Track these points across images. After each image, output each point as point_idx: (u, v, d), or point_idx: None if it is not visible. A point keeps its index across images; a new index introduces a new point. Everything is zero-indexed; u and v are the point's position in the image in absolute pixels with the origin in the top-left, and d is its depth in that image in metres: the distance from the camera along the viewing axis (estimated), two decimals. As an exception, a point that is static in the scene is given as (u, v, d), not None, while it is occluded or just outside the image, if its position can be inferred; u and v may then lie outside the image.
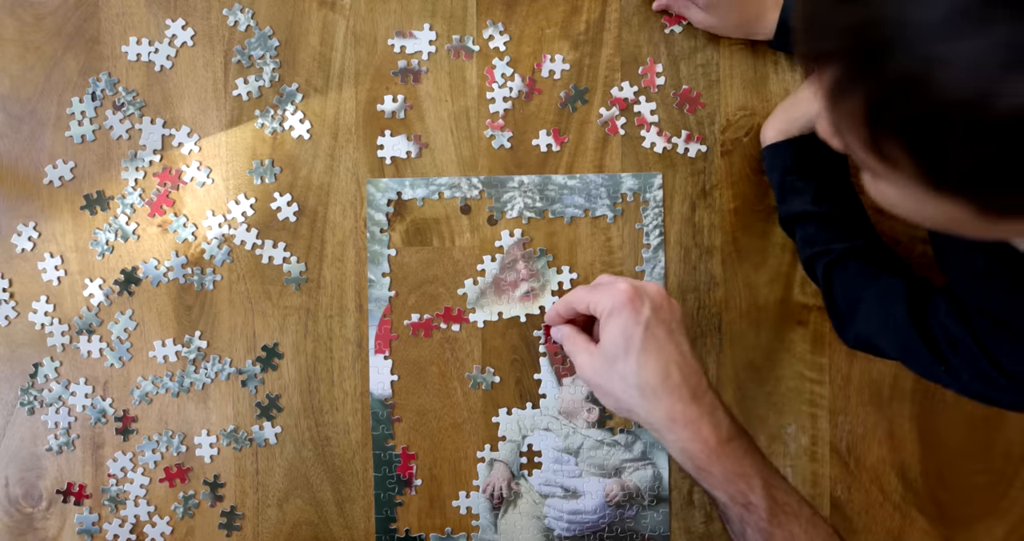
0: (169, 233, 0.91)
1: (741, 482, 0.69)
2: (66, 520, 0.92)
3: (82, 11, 0.91)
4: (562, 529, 0.90)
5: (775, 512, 0.69)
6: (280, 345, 0.91)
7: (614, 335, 0.71)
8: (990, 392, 0.70)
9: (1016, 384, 0.68)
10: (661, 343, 0.71)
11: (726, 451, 0.70)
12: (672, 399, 0.70)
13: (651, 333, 0.71)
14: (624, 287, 0.72)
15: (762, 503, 0.69)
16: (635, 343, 0.71)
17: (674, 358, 0.71)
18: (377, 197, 0.90)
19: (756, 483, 0.69)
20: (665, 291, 0.73)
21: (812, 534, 0.70)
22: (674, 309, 0.73)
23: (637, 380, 0.71)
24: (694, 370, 0.71)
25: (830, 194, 0.83)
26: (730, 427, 0.70)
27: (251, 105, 0.91)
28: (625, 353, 0.71)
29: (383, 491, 0.91)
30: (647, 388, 0.70)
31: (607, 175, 0.90)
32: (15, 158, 0.91)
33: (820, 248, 0.82)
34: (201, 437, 0.91)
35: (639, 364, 0.70)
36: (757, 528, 0.69)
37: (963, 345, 0.70)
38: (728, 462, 0.69)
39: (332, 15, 0.91)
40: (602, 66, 0.90)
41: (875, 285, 0.78)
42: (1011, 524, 0.91)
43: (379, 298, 0.90)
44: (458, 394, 0.91)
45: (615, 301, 0.72)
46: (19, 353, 0.91)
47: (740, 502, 0.70)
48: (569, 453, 0.90)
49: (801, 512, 0.70)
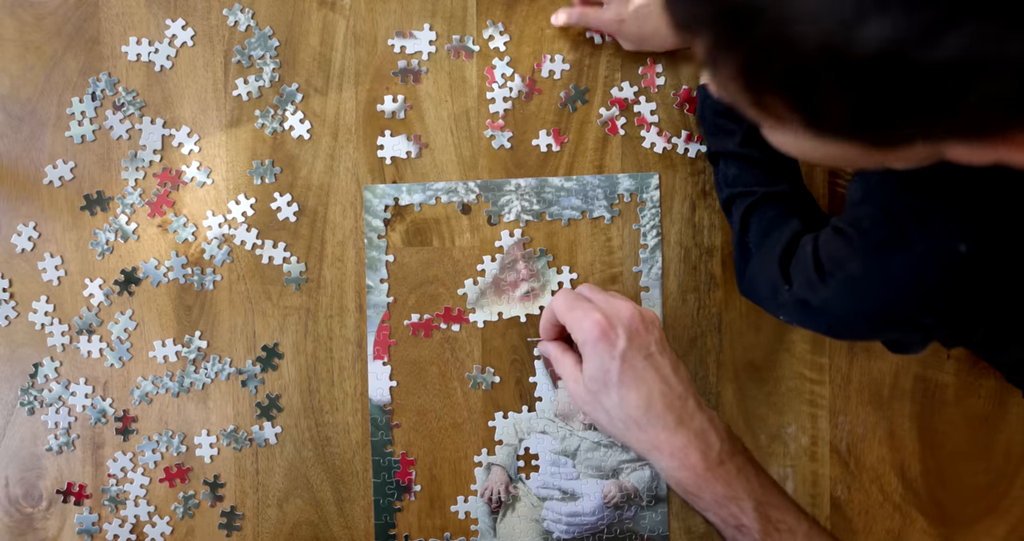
0: (169, 233, 0.91)
1: (732, 505, 0.69)
2: (66, 520, 0.92)
3: (82, 11, 0.91)
4: (561, 531, 0.90)
5: (768, 532, 0.68)
6: (280, 345, 0.91)
7: (593, 370, 0.71)
8: (810, 298, 0.69)
9: (826, 287, 0.67)
10: (640, 373, 0.70)
11: (716, 475, 0.69)
12: (656, 429, 0.70)
13: (628, 365, 0.70)
14: (596, 319, 0.71)
15: (754, 525, 0.68)
16: (612, 378, 0.70)
17: (655, 387, 0.70)
18: (374, 203, 0.90)
19: (747, 505, 0.69)
20: (639, 311, 0.72)
21: None
22: (651, 329, 0.72)
23: (620, 414, 0.71)
24: (678, 394, 0.70)
25: (758, 139, 0.83)
26: (721, 450, 0.70)
27: (251, 105, 0.91)
28: (605, 388, 0.71)
29: (382, 497, 0.91)
30: (630, 421, 0.70)
31: (604, 176, 0.90)
32: (15, 158, 0.91)
33: (741, 189, 0.82)
34: (201, 437, 0.91)
35: (620, 398, 0.70)
36: None
37: (802, 252, 0.71)
38: (718, 486, 0.69)
39: (332, 15, 0.91)
40: (602, 66, 0.90)
41: (788, 229, 0.78)
42: (1011, 524, 0.91)
43: (377, 304, 0.90)
44: (458, 394, 0.91)
45: (588, 333, 0.71)
46: (19, 353, 0.92)
47: (732, 524, 0.69)
48: (566, 455, 0.90)
49: (798, 528, 0.69)
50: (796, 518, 0.70)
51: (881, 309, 0.66)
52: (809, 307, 0.71)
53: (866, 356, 0.90)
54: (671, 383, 0.71)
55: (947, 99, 0.42)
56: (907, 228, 0.60)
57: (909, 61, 0.41)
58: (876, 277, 0.64)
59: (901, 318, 0.66)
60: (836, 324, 0.72)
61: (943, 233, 0.59)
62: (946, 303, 0.62)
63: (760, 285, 0.79)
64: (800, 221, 0.78)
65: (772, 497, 0.70)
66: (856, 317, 0.69)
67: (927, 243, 0.60)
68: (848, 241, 0.66)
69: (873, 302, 0.66)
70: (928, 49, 0.40)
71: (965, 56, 0.40)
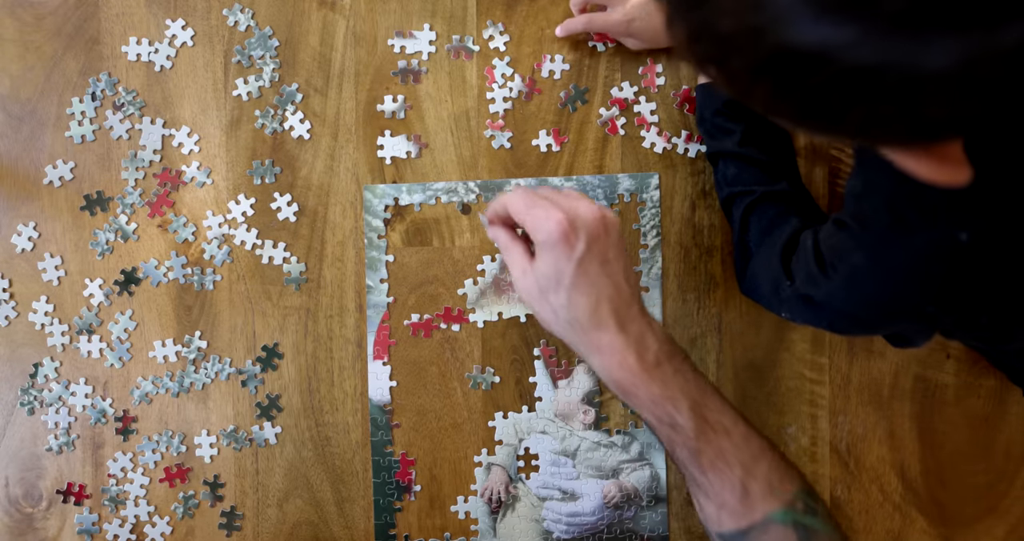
0: (169, 233, 0.91)
1: (667, 404, 0.70)
2: (66, 520, 0.92)
3: (82, 11, 0.91)
4: (561, 531, 0.90)
5: (703, 430, 0.69)
6: (280, 345, 0.91)
7: (546, 268, 0.71)
8: (813, 292, 0.70)
9: (828, 281, 0.68)
10: (593, 279, 0.70)
11: (652, 376, 0.70)
12: (599, 332, 0.70)
13: (583, 269, 0.70)
14: (559, 220, 0.70)
15: (688, 423, 0.69)
16: (565, 280, 0.70)
17: (605, 293, 0.70)
18: (374, 203, 0.90)
19: (682, 405, 0.69)
20: (601, 214, 0.71)
21: (743, 448, 0.70)
22: (611, 233, 0.71)
23: (567, 315, 0.71)
24: (625, 300, 0.71)
25: (756, 139, 0.83)
26: (659, 352, 0.70)
27: (251, 105, 0.91)
28: (556, 288, 0.70)
29: (382, 497, 0.91)
30: (575, 322, 0.70)
31: (604, 176, 0.90)
32: (15, 158, 0.91)
33: (741, 188, 0.82)
34: (201, 437, 0.91)
35: (569, 300, 0.70)
36: (685, 447, 0.70)
37: (803, 247, 0.71)
38: (654, 386, 0.70)
39: (332, 15, 0.91)
40: (602, 66, 0.90)
41: (788, 227, 0.78)
42: (1011, 524, 0.91)
43: (377, 304, 0.90)
44: (458, 394, 0.91)
45: (548, 234, 0.70)
46: (19, 353, 0.92)
47: (667, 423, 0.70)
48: (566, 455, 0.90)
49: (734, 429, 0.70)
50: (733, 420, 0.71)
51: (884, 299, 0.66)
52: (812, 302, 0.71)
53: (866, 356, 0.90)
54: (621, 289, 0.71)
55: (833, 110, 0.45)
56: (908, 218, 0.61)
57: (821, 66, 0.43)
58: (879, 267, 0.64)
59: (904, 308, 0.66)
60: (838, 318, 0.72)
61: (945, 222, 0.59)
62: (949, 292, 0.63)
63: (762, 283, 0.79)
64: (800, 219, 0.78)
65: (709, 399, 0.71)
66: (859, 309, 0.69)
67: (929, 232, 0.60)
68: (850, 233, 0.66)
69: (876, 293, 0.66)
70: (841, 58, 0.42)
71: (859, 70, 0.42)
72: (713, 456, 0.70)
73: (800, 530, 0.69)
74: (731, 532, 0.70)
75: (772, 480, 0.70)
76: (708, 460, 0.70)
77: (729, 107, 0.83)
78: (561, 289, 0.70)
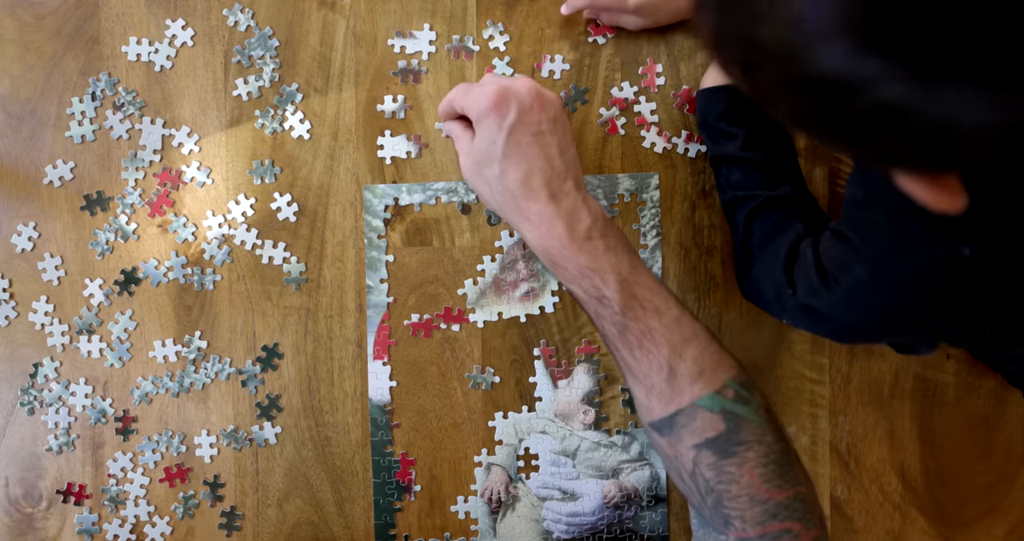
0: (169, 233, 0.91)
1: (595, 277, 0.70)
2: (66, 520, 0.92)
3: (82, 11, 0.91)
4: (561, 531, 0.90)
5: (631, 306, 0.69)
6: (280, 345, 0.91)
7: (480, 141, 0.72)
8: (815, 303, 0.70)
9: (831, 293, 0.68)
10: (524, 149, 0.71)
11: (581, 248, 0.70)
12: (529, 201, 0.71)
13: (514, 139, 0.71)
14: (490, 91, 0.71)
15: (616, 297, 0.69)
16: (497, 150, 0.71)
17: (536, 164, 0.71)
18: (374, 203, 0.90)
19: (610, 278, 0.70)
20: (537, 89, 0.72)
21: (673, 329, 0.70)
22: (547, 107, 0.72)
23: (499, 186, 0.72)
24: (558, 173, 0.71)
25: (760, 142, 0.83)
26: (591, 228, 0.71)
27: (251, 105, 0.91)
28: (489, 160, 0.72)
29: (382, 497, 0.91)
30: (507, 193, 0.71)
31: (604, 176, 0.90)
32: (15, 158, 0.91)
33: (744, 193, 0.82)
34: (201, 437, 0.91)
35: (501, 171, 0.71)
36: (612, 321, 0.70)
37: (803, 257, 0.72)
38: (583, 258, 0.70)
39: (332, 15, 0.91)
40: (602, 66, 0.90)
41: (791, 232, 0.78)
42: (1011, 524, 0.91)
43: (377, 304, 0.90)
44: (458, 394, 0.91)
45: (480, 106, 0.71)
46: (19, 353, 0.92)
47: (594, 296, 0.71)
48: (566, 455, 0.90)
49: (666, 310, 0.70)
50: (665, 302, 0.71)
51: (887, 313, 0.66)
52: (814, 312, 0.71)
53: (866, 356, 0.90)
54: (554, 163, 0.71)
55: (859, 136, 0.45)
56: (911, 232, 0.61)
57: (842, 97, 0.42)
58: (881, 282, 0.64)
59: (908, 321, 0.66)
60: (842, 329, 0.72)
61: (948, 237, 0.59)
62: (952, 306, 0.63)
63: (764, 289, 0.79)
64: (804, 225, 0.78)
65: (641, 278, 0.71)
66: (863, 321, 0.69)
67: (932, 247, 0.60)
68: (850, 246, 0.66)
69: (879, 307, 0.66)
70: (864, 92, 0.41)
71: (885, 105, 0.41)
72: (640, 333, 0.70)
73: (729, 418, 0.68)
74: (660, 419, 0.70)
75: (703, 364, 0.69)
76: (635, 337, 0.70)
77: (731, 111, 0.83)
78: (494, 160, 0.71)
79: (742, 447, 0.68)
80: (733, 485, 0.67)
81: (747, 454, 0.67)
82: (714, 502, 0.68)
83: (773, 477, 0.67)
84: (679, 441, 0.69)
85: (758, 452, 0.68)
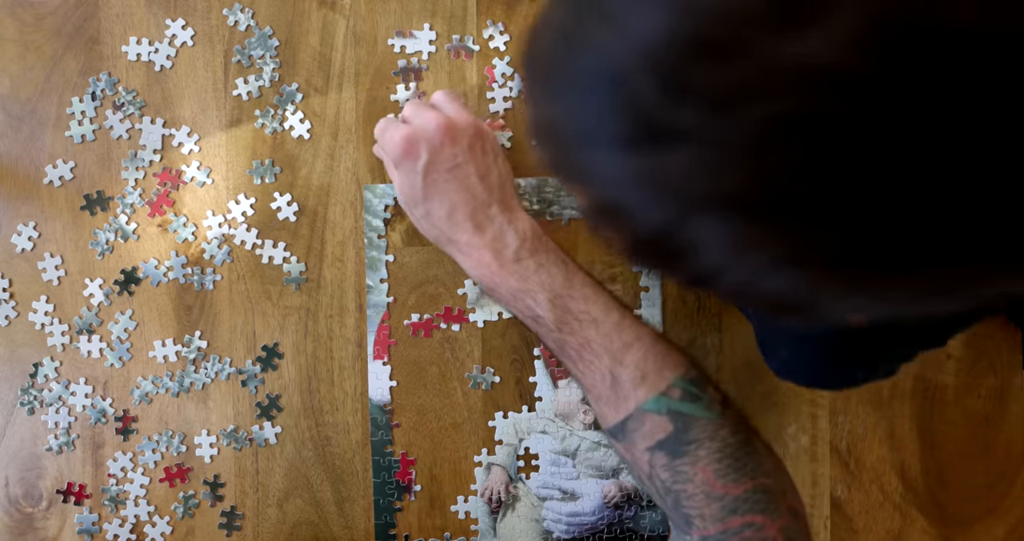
0: (169, 233, 0.91)
1: (527, 298, 0.73)
2: (66, 520, 0.92)
3: (82, 11, 0.91)
4: (561, 531, 0.90)
5: (566, 320, 0.71)
6: (280, 345, 0.91)
7: (401, 185, 0.77)
8: (778, 370, 0.75)
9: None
10: (441, 187, 0.74)
11: (510, 271, 0.73)
12: (457, 234, 0.75)
13: (430, 180, 0.74)
14: (398, 139, 0.74)
15: (548, 315, 0.72)
16: (418, 194, 0.75)
17: (457, 198, 0.74)
18: (374, 203, 0.90)
19: (541, 297, 0.72)
20: (447, 123, 0.75)
21: (613, 337, 0.71)
22: (458, 139, 0.74)
23: (427, 225, 0.77)
24: (481, 201, 0.74)
25: None
26: (519, 249, 0.73)
27: (251, 105, 0.91)
28: (413, 202, 0.76)
29: (382, 497, 0.91)
30: (438, 231, 0.76)
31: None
32: (15, 158, 0.91)
33: None
34: (201, 437, 0.91)
35: (426, 211, 0.75)
36: (550, 338, 0.73)
37: None
38: (512, 281, 0.73)
39: (332, 15, 0.91)
40: (602, 66, 0.90)
41: None
42: (1011, 524, 0.91)
43: (377, 304, 0.90)
44: (458, 394, 0.91)
45: (394, 155, 0.75)
46: (19, 353, 0.92)
47: (529, 316, 0.73)
48: (566, 455, 0.90)
49: (605, 319, 0.71)
50: (604, 311, 0.72)
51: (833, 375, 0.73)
52: (781, 374, 0.77)
53: (866, 356, 0.90)
54: (475, 192, 0.74)
55: None
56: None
57: None
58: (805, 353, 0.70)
59: (855, 366, 0.71)
60: (813, 381, 0.79)
61: None
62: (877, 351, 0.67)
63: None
64: None
65: (576, 291, 0.72)
66: (818, 381, 0.76)
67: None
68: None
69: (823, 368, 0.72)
70: None
71: None
72: (578, 346, 0.71)
73: (676, 418, 0.69)
74: (613, 426, 0.71)
75: (645, 368, 0.70)
76: (574, 350, 0.72)
77: None
78: (418, 202, 0.75)
79: (692, 446, 0.68)
80: (688, 484, 0.68)
81: (698, 452, 0.68)
82: (673, 502, 0.69)
83: (728, 472, 0.68)
84: (633, 445, 0.70)
85: (710, 449, 0.68)
